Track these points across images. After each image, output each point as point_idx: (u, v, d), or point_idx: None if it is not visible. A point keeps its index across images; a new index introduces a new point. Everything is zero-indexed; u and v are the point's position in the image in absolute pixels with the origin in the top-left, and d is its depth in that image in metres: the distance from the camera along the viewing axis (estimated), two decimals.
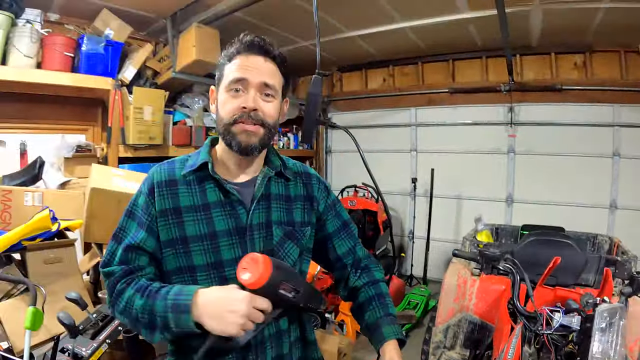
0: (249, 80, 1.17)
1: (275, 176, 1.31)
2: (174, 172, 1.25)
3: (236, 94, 1.18)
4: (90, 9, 3.88)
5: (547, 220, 4.38)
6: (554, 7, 3.85)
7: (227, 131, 1.19)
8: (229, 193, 1.22)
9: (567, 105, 5.12)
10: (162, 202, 1.20)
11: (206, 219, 1.20)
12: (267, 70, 1.20)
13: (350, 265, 1.41)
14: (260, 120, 1.19)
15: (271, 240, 1.24)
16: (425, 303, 4.73)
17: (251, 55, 1.19)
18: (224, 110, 1.20)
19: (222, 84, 1.22)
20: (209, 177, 1.23)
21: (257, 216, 1.24)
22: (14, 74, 3.40)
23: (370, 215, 5.40)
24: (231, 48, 1.22)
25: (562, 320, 1.73)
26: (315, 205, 1.37)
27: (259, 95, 1.19)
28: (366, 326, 1.32)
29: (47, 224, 2.56)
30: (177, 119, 4.62)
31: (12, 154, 3.85)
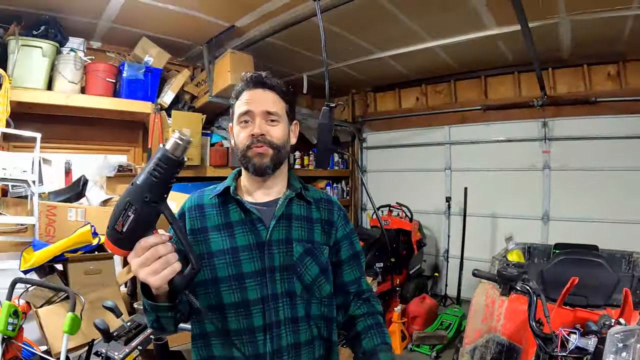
0: (253, 111, 1.33)
1: (297, 199, 1.43)
2: (202, 199, 1.42)
3: (245, 124, 1.35)
4: (130, 37, 4.14)
5: (584, 238, 4.20)
6: (581, 17, 3.79)
7: (244, 157, 1.35)
8: (249, 212, 1.34)
9: (602, 118, 4.96)
10: (192, 223, 1.36)
11: (229, 236, 1.33)
12: (267, 99, 1.36)
13: (353, 294, 1.48)
14: (268, 142, 1.33)
15: (291, 255, 1.33)
16: (458, 323, 4.67)
17: (252, 90, 1.36)
18: (238, 140, 1.37)
19: (234, 120, 1.40)
20: (232, 200, 1.38)
21: (277, 233, 1.34)
22: (60, 98, 3.66)
23: (404, 234, 5.40)
24: (238, 87, 1.40)
25: (578, 342, 1.74)
26: (334, 231, 1.45)
27: (264, 122, 1.34)
28: (363, 353, 1.36)
29: (89, 238, 2.73)
30: (214, 140, 4.81)
31: (57, 172, 4.10)
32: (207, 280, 1.31)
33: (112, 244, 0.99)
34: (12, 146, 3.75)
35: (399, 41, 4.61)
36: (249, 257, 1.31)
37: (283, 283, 1.31)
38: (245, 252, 1.31)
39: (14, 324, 2.29)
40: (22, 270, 2.68)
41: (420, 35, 4.38)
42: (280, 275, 1.31)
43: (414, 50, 4.75)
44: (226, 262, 1.30)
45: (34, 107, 3.70)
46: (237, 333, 1.28)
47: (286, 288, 1.31)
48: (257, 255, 1.31)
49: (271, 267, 1.31)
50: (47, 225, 3.38)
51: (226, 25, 3.98)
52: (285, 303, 1.30)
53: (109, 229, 0.98)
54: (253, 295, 1.29)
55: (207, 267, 1.31)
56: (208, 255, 1.32)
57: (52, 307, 2.66)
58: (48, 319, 2.58)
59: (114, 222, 0.97)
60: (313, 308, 1.36)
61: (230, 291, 1.29)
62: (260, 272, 1.30)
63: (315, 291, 1.36)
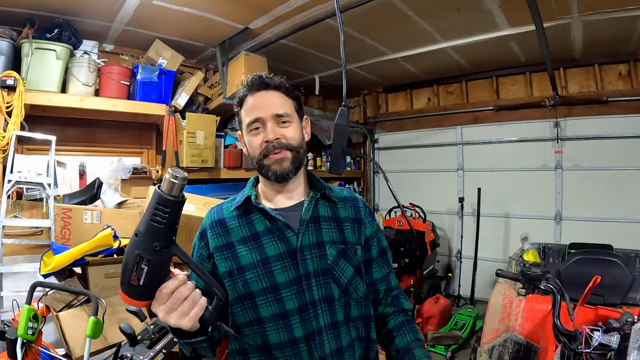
0: (262, 117, 1.29)
1: (322, 199, 1.39)
2: (222, 213, 1.37)
3: (257, 132, 1.30)
4: (142, 39, 4.14)
5: (597, 238, 4.23)
6: (593, 18, 3.80)
7: (261, 166, 1.31)
8: (275, 219, 1.30)
9: (613, 118, 4.96)
10: (216, 240, 1.32)
11: (257, 248, 1.28)
12: (274, 101, 1.32)
13: (382, 292, 1.45)
14: (285, 145, 1.29)
15: (325, 259, 1.30)
16: (472, 324, 4.65)
17: (255, 94, 1.33)
18: (251, 149, 1.33)
19: (243, 128, 1.36)
20: (253, 209, 1.34)
21: (308, 237, 1.30)
22: (74, 101, 3.65)
23: (417, 235, 5.39)
24: (240, 93, 1.36)
25: (602, 339, 1.76)
26: (363, 229, 1.42)
27: (276, 125, 1.30)
28: (396, 350, 1.34)
29: (110, 242, 2.72)
30: (228, 142, 4.80)
31: (71, 174, 4.11)
32: (242, 296, 1.27)
33: (131, 298, 0.95)
34: (26, 149, 3.76)
35: (411, 42, 4.60)
36: (281, 266, 1.27)
37: (320, 289, 1.27)
38: (277, 262, 1.27)
39: (34, 328, 2.26)
40: (42, 274, 2.66)
41: (433, 36, 4.38)
42: (316, 281, 1.27)
43: (426, 51, 4.75)
44: (258, 275, 1.26)
45: (47, 110, 3.69)
46: (279, 347, 1.24)
47: (324, 293, 1.27)
48: (290, 264, 1.27)
49: (306, 274, 1.27)
50: (63, 228, 3.38)
51: (240, 27, 3.96)
52: (324, 309, 1.26)
53: (124, 285, 0.94)
54: (290, 305, 1.25)
55: (239, 282, 1.27)
56: (238, 271, 1.28)
57: (73, 310, 2.64)
58: (69, 323, 2.56)
59: (128, 277, 0.93)
60: (352, 310, 1.33)
61: (266, 304, 1.25)
62: (296, 281, 1.26)
63: (352, 293, 1.33)
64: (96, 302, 2.28)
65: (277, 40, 4.15)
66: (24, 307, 2.26)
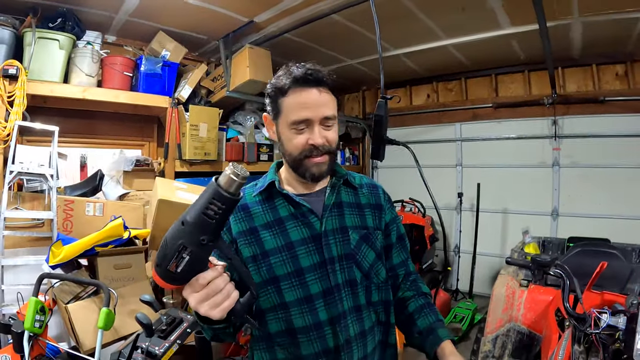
0: (311, 119, 1.23)
1: (344, 185, 1.39)
2: (245, 198, 1.34)
3: (300, 131, 1.25)
4: (146, 31, 4.10)
5: (592, 233, 4.33)
6: (593, 18, 3.85)
7: (299, 164, 1.28)
8: (299, 204, 1.30)
9: (610, 117, 5.03)
10: (239, 226, 1.29)
11: (281, 232, 1.28)
12: (324, 102, 1.25)
13: (402, 277, 1.46)
14: (327, 149, 1.27)
15: (348, 244, 1.30)
16: (472, 317, 4.69)
17: (306, 89, 1.23)
18: (291, 146, 1.27)
19: (282, 120, 1.28)
20: (277, 195, 1.32)
21: (331, 222, 1.30)
22: (77, 91, 3.61)
23: (417, 229, 5.42)
24: (284, 80, 1.25)
25: (609, 320, 1.84)
26: (384, 215, 1.42)
27: (322, 128, 1.25)
28: (418, 332, 1.34)
29: (120, 232, 2.69)
30: (230, 135, 4.80)
31: (72, 166, 4.06)
32: (266, 280, 1.26)
33: (164, 281, 0.94)
34: (26, 140, 3.70)
35: (415, 39, 4.62)
36: (306, 251, 1.27)
37: (343, 273, 1.27)
38: (302, 247, 1.27)
39: (41, 321, 2.22)
40: (50, 265, 2.62)
41: (437, 33, 4.39)
42: (340, 265, 1.27)
43: (428, 48, 4.76)
44: (283, 260, 1.26)
45: (48, 101, 3.64)
46: (304, 331, 1.24)
47: (347, 277, 1.28)
48: (314, 248, 1.27)
49: (331, 258, 1.27)
50: (65, 220, 3.35)
51: (245, 20, 3.94)
52: (347, 293, 1.27)
53: (160, 268, 0.92)
54: (315, 289, 1.25)
55: (263, 267, 1.26)
56: (262, 255, 1.27)
57: (82, 302, 2.61)
58: (78, 315, 2.53)
59: (166, 262, 0.91)
60: (373, 294, 1.33)
61: (291, 288, 1.25)
62: (320, 265, 1.26)
63: (373, 277, 1.34)
64: (108, 293, 2.26)
65: (282, 34, 4.13)
66: (31, 299, 2.23)
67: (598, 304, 2.33)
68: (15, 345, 2.18)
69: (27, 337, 2.16)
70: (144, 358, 2.08)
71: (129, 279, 2.82)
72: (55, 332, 2.98)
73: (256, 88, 4.48)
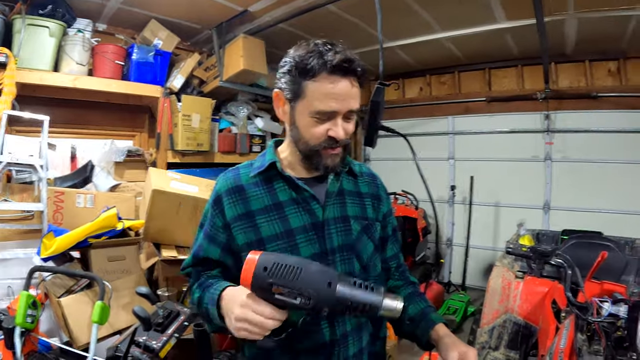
0: (338, 112, 1.12)
1: (345, 173, 1.31)
2: (240, 178, 1.25)
3: (321, 120, 1.14)
4: (137, 19, 4.03)
5: (583, 227, 4.34)
6: (588, 15, 3.87)
7: (314, 154, 1.18)
8: (300, 189, 1.21)
9: (602, 113, 5.06)
10: (234, 209, 1.20)
11: (280, 218, 1.19)
12: (354, 96, 1.14)
13: (393, 269, 1.42)
14: (344, 143, 1.18)
15: (350, 234, 1.23)
16: (465, 309, 4.71)
17: (339, 80, 1.10)
18: (309, 134, 1.16)
19: (302, 105, 1.15)
20: (277, 177, 1.23)
21: (333, 210, 1.23)
22: (67, 80, 3.54)
23: (409, 222, 5.42)
24: (314, 61, 1.10)
25: (611, 309, 1.88)
26: (381, 206, 1.37)
27: (344, 121, 1.15)
28: (410, 319, 1.28)
29: (114, 223, 2.64)
30: (222, 126, 4.75)
31: (62, 157, 3.98)
32: None
33: (250, 281, 0.91)
34: (15, 131, 3.60)
35: (410, 31, 4.60)
36: (306, 239, 1.18)
37: (343, 264, 1.20)
38: (302, 235, 1.18)
39: (33, 316, 2.13)
40: (42, 257, 2.56)
41: (432, 26, 4.39)
42: (340, 257, 1.20)
43: (422, 40, 4.75)
44: (281, 248, 1.16)
45: (38, 90, 3.58)
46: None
47: (346, 269, 1.20)
48: (314, 237, 1.19)
49: (331, 249, 1.19)
50: (55, 212, 3.28)
51: (239, 9, 3.88)
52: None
53: (267, 273, 0.90)
54: None
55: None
56: (258, 242, 1.17)
57: (75, 296, 2.56)
58: (72, 309, 2.48)
59: (278, 282, 0.89)
60: None
61: None
62: (320, 255, 1.17)
63: (370, 270, 1.27)
64: (103, 286, 2.17)
65: (276, 24, 4.08)
66: (22, 293, 2.13)
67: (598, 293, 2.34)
68: (7, 342, 2.11)
69: (19, 333, 2.07)
70: (142, 352, 2.04)
71: (123, 271, 2.77)
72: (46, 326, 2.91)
73: (250, 78, 4.43)
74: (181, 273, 1.35)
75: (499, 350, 2.97)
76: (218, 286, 1.11)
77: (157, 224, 2.86)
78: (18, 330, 2.06)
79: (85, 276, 2.48)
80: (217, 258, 1.23)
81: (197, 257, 1.27)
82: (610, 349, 1.76)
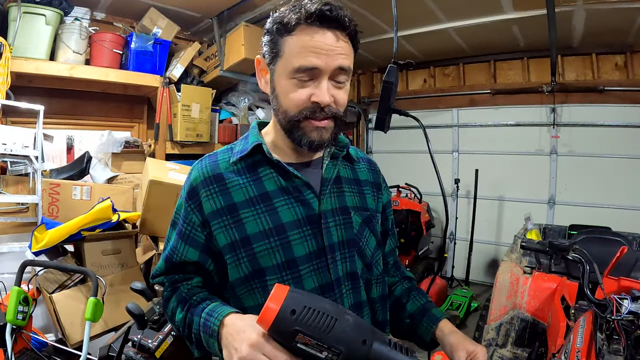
0: (321, 69, 0.94)
1: (342, 158, 1.14)
2: (218, 165, 1.06)
3: (303, 83, 0.96)
4: (136, 7, 3.94)
5: (588, 222, 4.30)
6: (596, 7, 3.80)
7: (294, 127, 0.99)
8: (290, 176, 1.03)
9: (609, 107, 5.00)
10: (212, 203, 1.02)
11: (268, 212, 1.01)
12: (341, 50, 0.95)
13: (391, 265, 1.30)
14: (333, 113, 0.98)
15: (351, 228, 1.07)
16: (468, 304, 4.65)
17: (321, 31, 0.93)
18: (288, 101, 0.98)
19: (280, 66, 0.98)
20: (262, 163, 1.05)
21: (330, 201, 1.06)
22: (64, 69, 3.47)
23: (413, 215, 5.34)
24: (290, 14, 0.94)
25: (631, 306, 1.78)
26: (381, 195, 1.22)
27: (331, 84, 0.97)
28: (409, 316, 1.18)
29: (109, 214, 2.55)
30: (223, 117, 4.68)
31: (59, 148, 3.92)
32: (248, 274, 1.00)
33: (270, 323, 0.74)
34: (10, 122, 3.55)
35: (415, 21, 4.50)
36: (300, 235, 1.00)
37: (344, 263, 1.04)
38: (295, 230, 1.00)
39: (24, 313, 2.05)
40: (33, 251, 2.47)
41: (438, 16, 4.30)
42: (341, 254, 1.03)
43: (427, 31, 4.66)
44: (270, 247, 0.99)
45: (34, 80, 3.52)
46: None
47: (348, 269, 1.05)
48: (310, 233, 1.01)
49: (331, 246, 1.02)
50: (50, 204, 3.23)
51: None
52: (348, 288, 1.04)
53: (294, 318, 0.73)
54: (310, 284, 1.01)
55: (244, 257, 0.99)
56: (243, 242, 0.99)
57: (68, 291, 2.47)
58: (63, 305, 2.40)
59: (307, 329, 0.73)
60: (373, 289, 1.13)
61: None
62: (317, 254, 1.01)
63: (374, 268, 1.13)
64: (96, 281, 2.08)
65: None
66: (13, 289, 2.04)
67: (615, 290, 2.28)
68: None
69: (10, 330, 1.99)
70: (137, 352, 1.97)
71: (118, 266, 2.69)
72: (41, 322, 2.85)
73: (251, 68, 4.33)
74: (152, 282, 1.15)
75: (506, 348, 2.91)
76: (216, 312, 0.92)
77: (154, 215, 2.78)
78: (9, 327, 1.99)
79: (77, 271, 2.39)
80: (195, 261, 1.05)
81: (171, 263, 1.08)
82: (630, 348, 1.70)
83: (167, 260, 1.08)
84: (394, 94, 1.86)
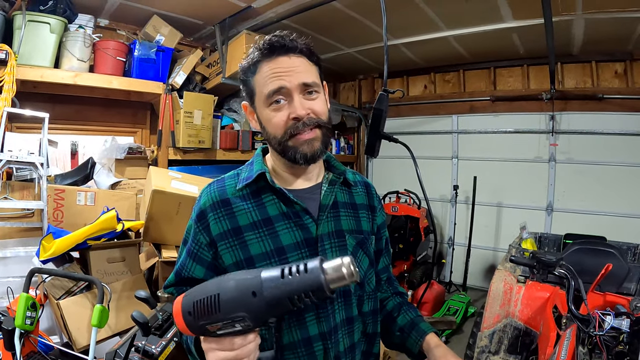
0: (286, 87, 1.05)
1: (340, 184, 1.23)
2: (225, 191, 1.16)
3: (278, 106, 1.07)
4: (139, 15, 3.99)
5: (586, 230, 4.33)
6: (596, 16, 3.84)
7: (286, 147, 1.09)
8: (291, 202, 1.12)
9: (608, 115, 5.04)
10: (219, 226, 1.12)
11: (270, 235, 1.10)
12: (299, 68, 1.07)
13: (384, 281, 1.37)
14: (315, 122, 1.08)
15: (345, 250, 1.16)
16: (465, 309, 4.70)
17: (275, 59, 1.07)
18: (273, 126, 1.09)
19: (258, 100, 1.11)
20: (265, 189, 1.14)
21: (327, 225, 1.15)
22: (68, 77, 3.51)
23: (411, 221, 5.40)
24: (251, 56, 1.11)
25: (613, 322, 1.87)
26: (375, 217, 1.31)
27: (303, 97, 1.07)
28: (399, 330, 1.26)
29: (113, 224, 2.61)
30: (224, 123, 4.71)
31: (63, 154, 3.96)
32: None
33: (189, 331, 0.81)
34: (15, 127, 3.59)
35: (415, 29, 4.56)
36: (298, 257, 1.10)
37: None
38: (294, 252, 1.10)
39: (32, 318, 2.11)
40: (41, 260, 2.53)
41: (437, 24, 4.35)
42: None
43: (428, 38, 4.72)
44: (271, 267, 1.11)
45: (38, 87, 3.55)
46: (290, 347, 1.09)
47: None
48: (308, 255, 1.10)
49: None
50: (55, 209, 3.26)
51: (243, 5, 3.84)
52: (340, 304, 1.13)
53: (194, 320, 0.78)
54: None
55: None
56: (247, 262, 1.09)
57: (74, 298, 2.53)
58: (70, 311, 2.45)
59: (206, 320, 0.77)
60: (364, 305, 1.20)
61: None
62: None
63: (366, 286, 1.21)
64: (102, 289, 2.16)
65: (279, 20, 4.06)
66: (21, 295, 2.11)
67: (600, 305, 2.35)
68: (6, 343, 2.10)
69: (19, 335, 2.06)
70: (141, 358, 2.02)
71: (122, 273, 2.74)
72: (46, 325, 2.90)
73: None
74: (164, 292, 1.24)
75: (499, 355, 2.95)
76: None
77: (157, 223, 2.82)
78: (17, 332, 2.06)
79: (84, 279, 2.45)
80: (201, 277, 1.14)
81: (180, 277, 1.18)
82: None
83: (177, 274, 1.19)
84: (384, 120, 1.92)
